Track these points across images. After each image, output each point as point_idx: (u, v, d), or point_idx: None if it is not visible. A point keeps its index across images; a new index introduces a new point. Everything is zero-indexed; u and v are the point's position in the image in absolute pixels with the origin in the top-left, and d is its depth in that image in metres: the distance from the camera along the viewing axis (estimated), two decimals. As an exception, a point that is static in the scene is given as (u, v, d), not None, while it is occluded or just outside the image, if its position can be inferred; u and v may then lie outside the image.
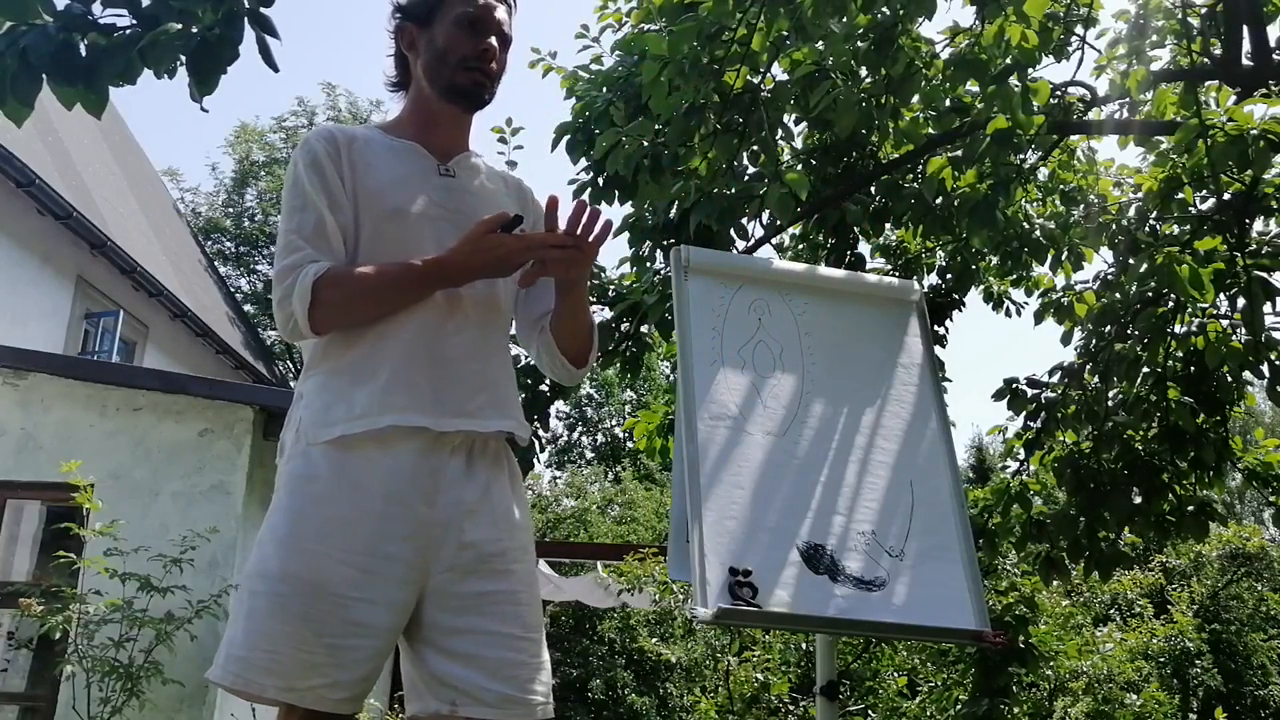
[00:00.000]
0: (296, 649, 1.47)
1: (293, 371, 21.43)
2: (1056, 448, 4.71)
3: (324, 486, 1.55)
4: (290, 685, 1.47)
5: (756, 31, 3.62)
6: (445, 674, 1.55)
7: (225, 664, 1.50)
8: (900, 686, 7.70)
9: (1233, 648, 12.05)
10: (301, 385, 1.66)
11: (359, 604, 1.50)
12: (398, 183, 1.68)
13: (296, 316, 1.57)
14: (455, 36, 1.70)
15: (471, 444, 1.63)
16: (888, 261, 5.41)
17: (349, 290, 1.58)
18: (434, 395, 1.59)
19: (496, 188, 1.82)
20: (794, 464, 2.80)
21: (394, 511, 1.54)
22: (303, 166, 1.66)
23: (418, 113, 1.78)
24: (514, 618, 1.58)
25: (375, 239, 1.64)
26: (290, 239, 1.62)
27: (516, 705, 1.55)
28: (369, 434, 1.55)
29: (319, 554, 1.51)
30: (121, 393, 6.37)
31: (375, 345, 1.60)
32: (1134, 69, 4.32)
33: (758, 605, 2.50)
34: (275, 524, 1.56)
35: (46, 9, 1.98)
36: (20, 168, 8.36)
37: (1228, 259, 3.59)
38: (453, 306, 1.64)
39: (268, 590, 1.50)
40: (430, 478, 1.57)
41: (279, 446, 1.69)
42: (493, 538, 1.60)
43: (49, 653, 5.61)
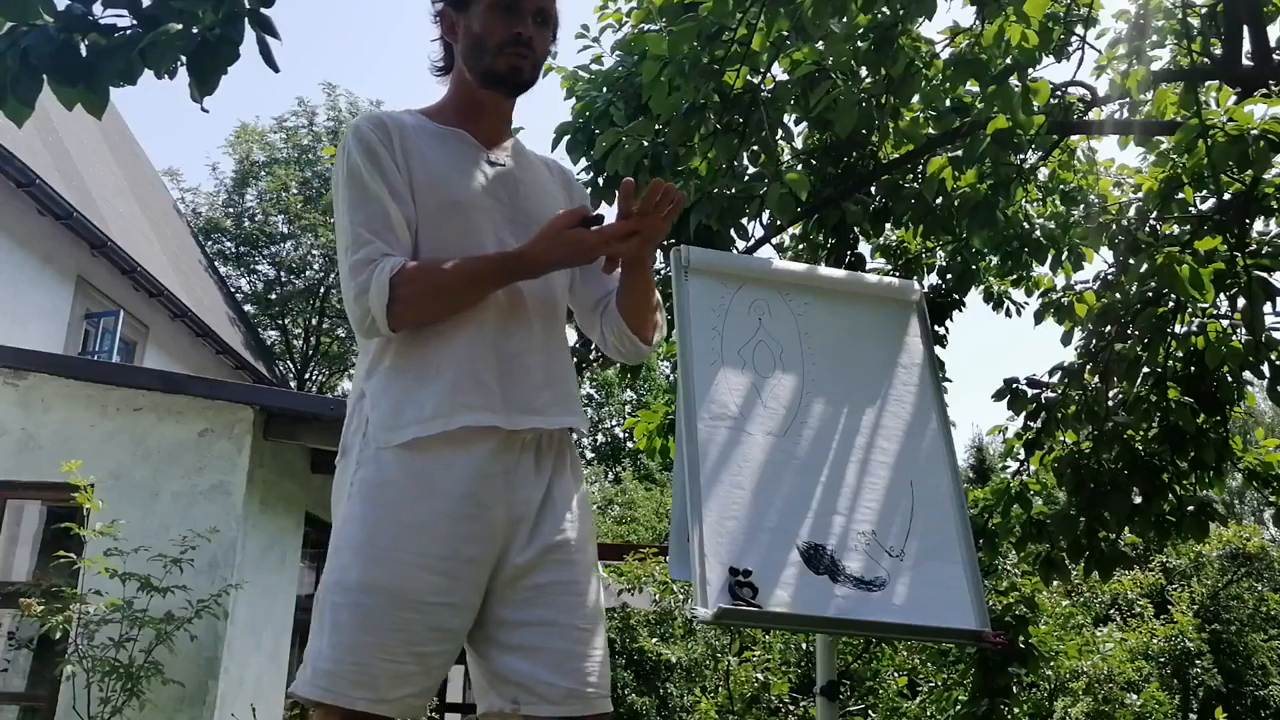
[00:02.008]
0: (386, 660, 1.45)
1: (293, 371, 21.45)
2: (1056, 448, 4.72)
3: (399, 492, 1.51)
4: (381, 697, 1.45)
5: (756, 31, 3.62)
6: (508, 670, 1.53)
7: (313, 678, 1.46)
8: (900, 686, 7.70)
9: (1233, 648, 12.05)
10: (363, 384, 1.62)
11: (441, 609, 1.49)
12: (452, 172, 1.66)
13: (374, 313, 1.52)
14: (491, 21, 1.67)
15: (539, 440, 1.61)
16: (888, 261, 5.41)
17: (428, 286, 1.54)
18: (503, 393, 1.56)
19: (542, 175, 1.80)
20: (794, 464, 2.80)
21: (470, 513, 1.52)
22: (359, 156, 1.61)
23: (461, 99, 1.75)
24: (576, 608, 1.57)
25: (434, 230, 1.61)
26: (358, 232, 1.57)
27: (578, 700, 1.54)
28: (442, 435, 1.52)
29: (400, 561, 1.48)
30: (121, 393, 6.37)
31: (439, 342, 1.57)
32: (1134, 69, 4.32)
33: (758, 605, 2.50)
34: (351, 533, 1.52)
35: (47, 9, 1.99)
36: (20, 168, 8.37)
37: (1228, 259, 3.59)
38: (513, 302, 1.61)
39: (350, 602, 1.47)
40: (504, 477, 1.55)
41: (341, 447, 1.63)
42: (555, 529, 1.59)
43: (49, 653, 5.60)
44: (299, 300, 21.86)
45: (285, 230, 22.14)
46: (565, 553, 1.59)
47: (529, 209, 1.69)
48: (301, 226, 21.72)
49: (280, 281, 22.04)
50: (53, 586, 5.37)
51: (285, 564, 6.92)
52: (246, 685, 6.29)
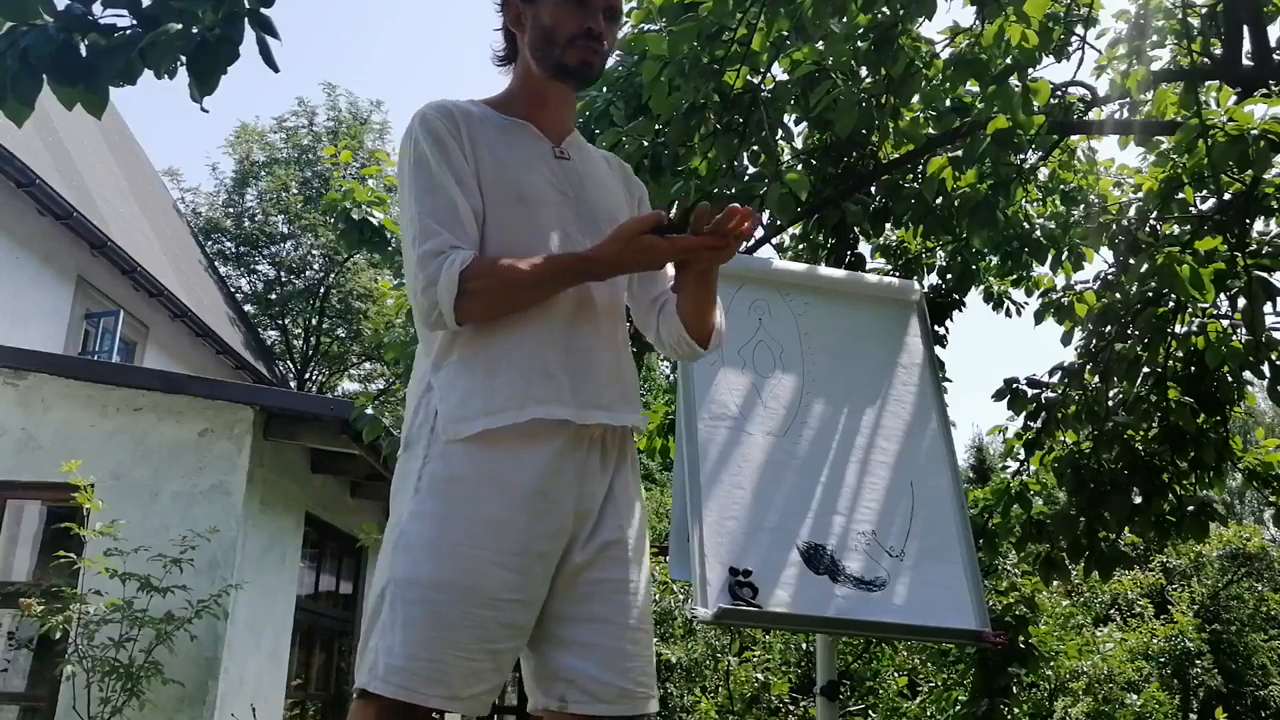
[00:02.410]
0: (460, 657, 1.44)
1: (293, 371, 21.44)
2: (1056, 448, 4.72)
3: (471, 487, 1.50)
4: (455, 694, 1.44)
5: (756, 31, 3.62)
6: (559, 666, 1.53)
7: (386, 675, 1.44)
8: (900, 686, 7.71)
9: (1233, 648, 12.05)
10: (430, 376, 1.60)
11: (514, 605, 1.48)
12: (520, 165, 1.64)
13: (442, 307, 1.51)
14: (562, 13, 1.66)
15: (604, 436, 1.61)
16: (888, 261, 5.41)
17: (497, 282, 1.53)
18: (572, 387, 1.56)
19: (602, 169, 1.80)
20: (794, 464, 2.80)
21: (542, 509, 1.51)
22: (427, 145, 1.59)
23: (526, 91, 1.73)
24: (628, 607, 1.56)
25: (501, 224, 1.60)
26: (426, 223, 1.55)
27: (628, 699, 1.53)
28: (513, 428, 1.51)
29: (472, 558, 1.47)
30: (122, 393, 6.37)
31: (508, 335, 1.55)
32: (1134, 69, 4.32)
33: (758, 605, 2.50)
34: (420, 529, 1.50)
35: (47, 9, 1.98)
36: (20, 168, 8.37)
37: (1228, 259, 3.59)
38: (582, 298, 1.61)
39: (422, 599, 1.45)
40: (573, 472, 1.55)
41: (404, 439, 1.61)
42: (615, 526, 1.59)
43: (49, 653, 5.60)
44: (299, 300, 21.84)
45: (285, 230, 22.12)
46: (622, 550, 1.59)
47: (593, 204, 1.69)
48: (301, 226, 21.71)
49: (280, 281, 22.03)
50: (53, 586, 5.37)
51: (285, 564, 6.92)
52: (246, 685, 6.29)
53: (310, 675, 7.86)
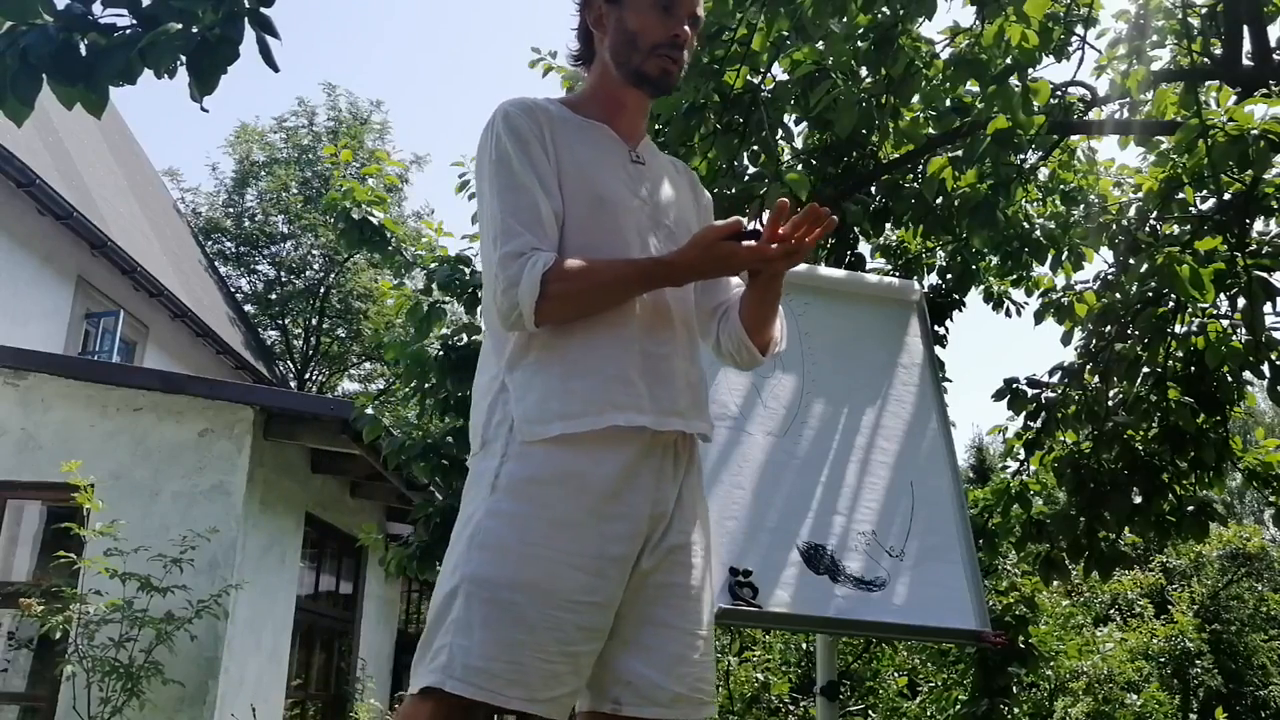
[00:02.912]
0: (539, 659, 1.43)
1: (293, 371, 21.43)
2: (1056, 448, 4.72)
3: (548, 489, 1.49)
4: (533, 696, 1.43)
5: (756, 31, 3.62)
6: (617, 667, 1.52)
7: (465, 674, 1.41)
8: (900, 686, 7.71)
9: (1233, 648, 12.05)
10: (504, 376, 1.58)
11: (590, 608, 1.47)
12: (599, 167, 1.64)
13: (523, 308, 1.50)
14: (648, 19, 1.65)
15: (676, 442, 1.61)
16: (888, 261, 5.41)
17: (578, 285, 1.52)
18: (650, 393, 1.55)
19: (671, 173, 1.80)
20: (794, 464, 2.80)
21: (618, 512, 1.50)
22: (510, 143, 1.58)
23: (603, 94, 1.73)
24: (691, 613, 1.56)
25: (580, 226, 1.59)
26: (508, 223, 1.54)
27: (685, 704, 1.53)
28: (591, 433, 1.50)
29: (551, 560, 1.45)
30: (122, 393, 6.37)
31: (586, 339, 1.55)
32: (1134, 69, 4.32)
33: (758, 605, 2.50)
34: (497, 527, 1.48)
35: (46, 9, 1.98)
36: (20, 168, 8.37)
37: (1228, 259, 3.59)
38: (657, 304, 1.61)
39: (502, 599, 1.44)
40: (649, 477, 1.55)
41: (479, 439, 1.59)
42: (682, 531, 1.59)
43: (49, 653, 5.61)
44: (299, 300, 21.83)
45: (285, 230, 22.11)
46: (687, 555, 1.59)
47: (667, 209, 1.70)
48: (301, 226, 21.70)
49: (280, 281, 22.02)
50: (53, 586, 5.37)
51: (285, 564, 6.92)
52: (246, 685, 6.29)
53: (310, 675, 7.87)
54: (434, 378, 4.38)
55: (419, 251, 4.90)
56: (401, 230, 4.86)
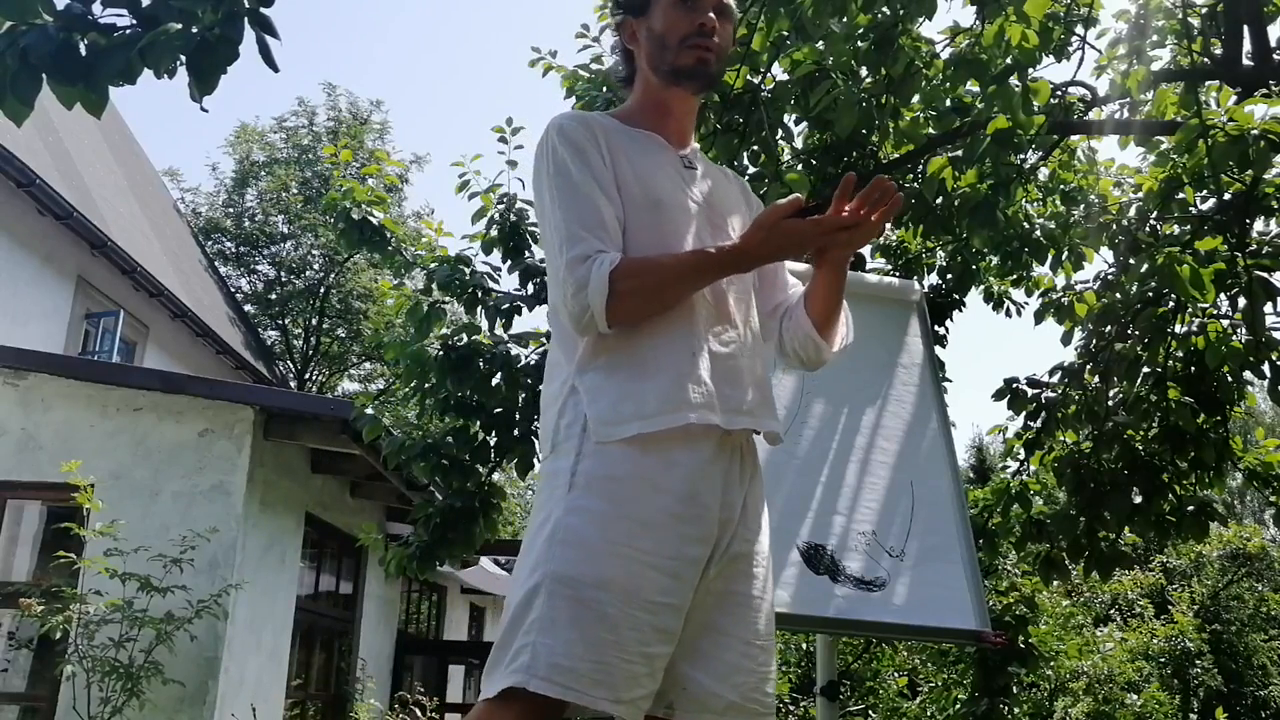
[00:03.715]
0: (623, 659, 1.42)
1: (293, 371, 21.43)
2: (1056, 448, 4.71)
3: (628, 487, 1.48)
4: (619, 697, 1.41)
5: (756, 31, 3.62)
6: (674, 672, 1.50)
7: (550, 673, 1.39)
8: (900, 686, 7.71)
9: (1233, 648, 12.06)
10: (575, 379, 1.58)
11: (667, 610, 1.46)
12: (654, 173, 1.66)
13: (594, 310, 1.50)
14: (671, 17, 1.68)
15: (742, 446, 1.61)
16: (888, 261, 5.41)
17: (646, 281, 1.53)
18: (719, 392, 1.55)
19: (724, 181, 1.81)
20: (794, 464, 2.80)
21: (694, 514, 1.50)
22: (567, 152, 1.60)
23: (649, 102, 1.75)
24: (751, 622, 1.56)
25: (639, 229, 1.60)
26: (572, 229, 1.55)
27: (738, 713, 1.52)
28: (666, 432, 1.50)
29: (632, 559, 1.45)
30: (122, 393, 6.37)
31: (653, 339, 1.55)
32: (1134, 69, 4.32)
33: (758, 605, 2.49)
34: (580, 524, 1.47)
35: (46, 9, 1.98)
36: (20, 168, 8.37)
37: (1228, 259, 3.59)
38: (719, 302, 1.61)
39: (586, 598, 1.42)
40: (721, 477, 1.55)
41: (550, 442, 1.59)
42: (746, 538, 1.58)
43: (49, 653, 5.61)
44: (299, 300, 21.83)
45: (285, 230, 22.11)
46: (748, 564, 1.58)
47: (722, 211, 1.70)
48: (301, 226, 21.70)
49: (280, 281, 22.02)
50: (53, 586, 5.37)
51: (285, 564, 6.92)
52: (246, 685, 6.29)
53: (310, 675, 7.86)
54: (434, 378, 4.37)
55: (419, 251, 4.89)
56: (401, 230, 4.86)
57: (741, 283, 1.66)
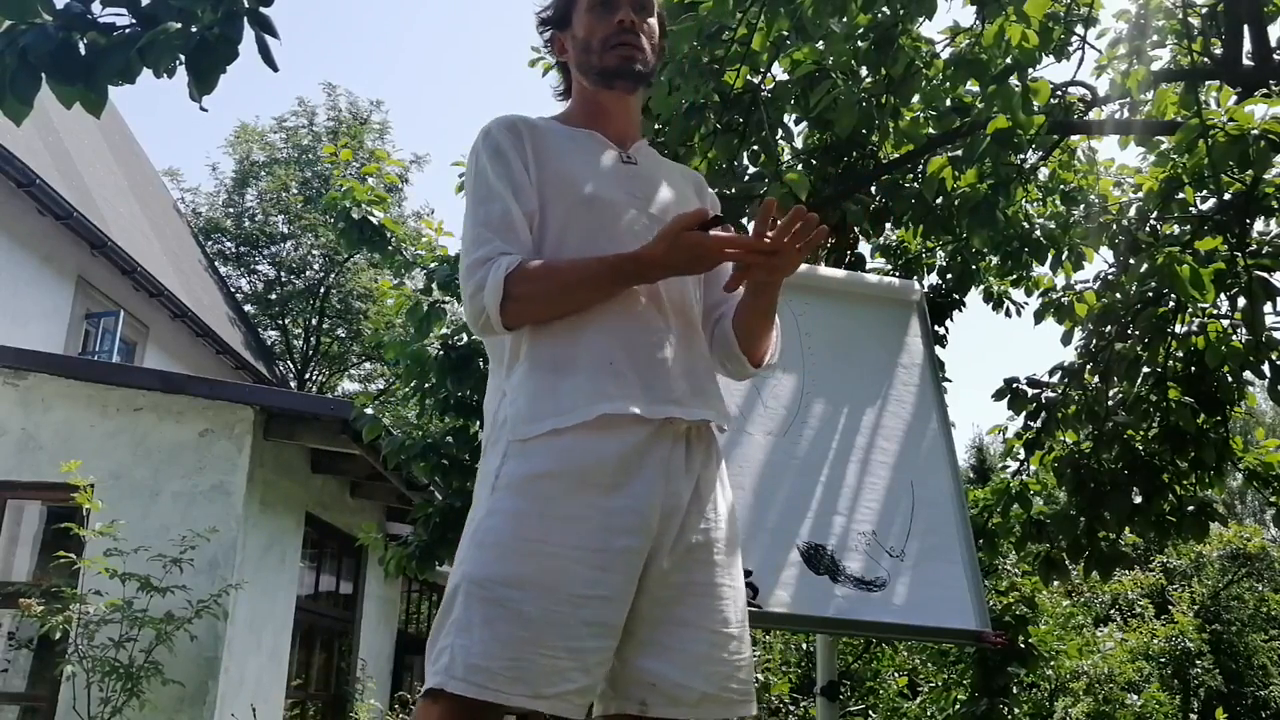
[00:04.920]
0: (542, 655, 1.42)
1: (293, 371, 21.44)
2: (1056, 448, 4.71)
3: (547, 484, 1.49)
4: (538, 693, 1.42)
5: (756, 31, 3.62)
6: (640, 668, 1.51)
7: (467, 674, 1.41)
8: (900, 687, 7.71)
9: (1233, 648, 12.05)
10: (504, 382, 1.61)
11: (595, 602, 1.46)
12: (587, 170, 1.66)
13: (488, 311, 1.52)
14: (591, 22, 1.71)
15: (688, 434, 1.59)
16: (888, 261, 5.41)
17: (542, 285, 1.54)
18: (641, 383, 1.55)
19: (674, 176, 1.80)
20: (794, 464, 2.80)
21: (621, 504, 1.49)
22: (486, 157, 1.63)
23: (586, 107, 1.77)
24: (715, 611, 1.55)
25: (567, 227, 1.61)
26: (478, 231, 1.58)
27: (714, 704, 1.52)
28: (584, 425, 1.50)
29: (550, 554, 1.45)
30: (122, 393, 6.37)
31: (577, 336, 1.56)
32: (1134, 69, 4.32)
33: (758, 605, 2.50)
34: (496, 526, 1.49)
35: (46, 8, 1.98)
36: (20, 168, 8.37)
37: (1228, 259, 3.59)
38: (650, 295, 1.61)
39: (500, 597, 1.44)
40: (656, 469, 1.53)
41: (485, 442, 1.61)
42: (701, 527, 1.57)
43: (49, 653, 5.61)
44: (299, 300, 21.83)
45: (285, 230, 22.11)
46: (709, 553, 1.57)
47: (664, 208, 1.69)
48: (301, 226, 21.70)
49: (280, 281, 22.02)
50: (53, 586, 5.37)
51: (285, 564, 6.92)
52: (246, 685, 6.29)
53: (310, 675, 7.87)
54: (434, 378, 4.37)
55: (419, 251, 4.90)
56: (401, 230, 4.86)
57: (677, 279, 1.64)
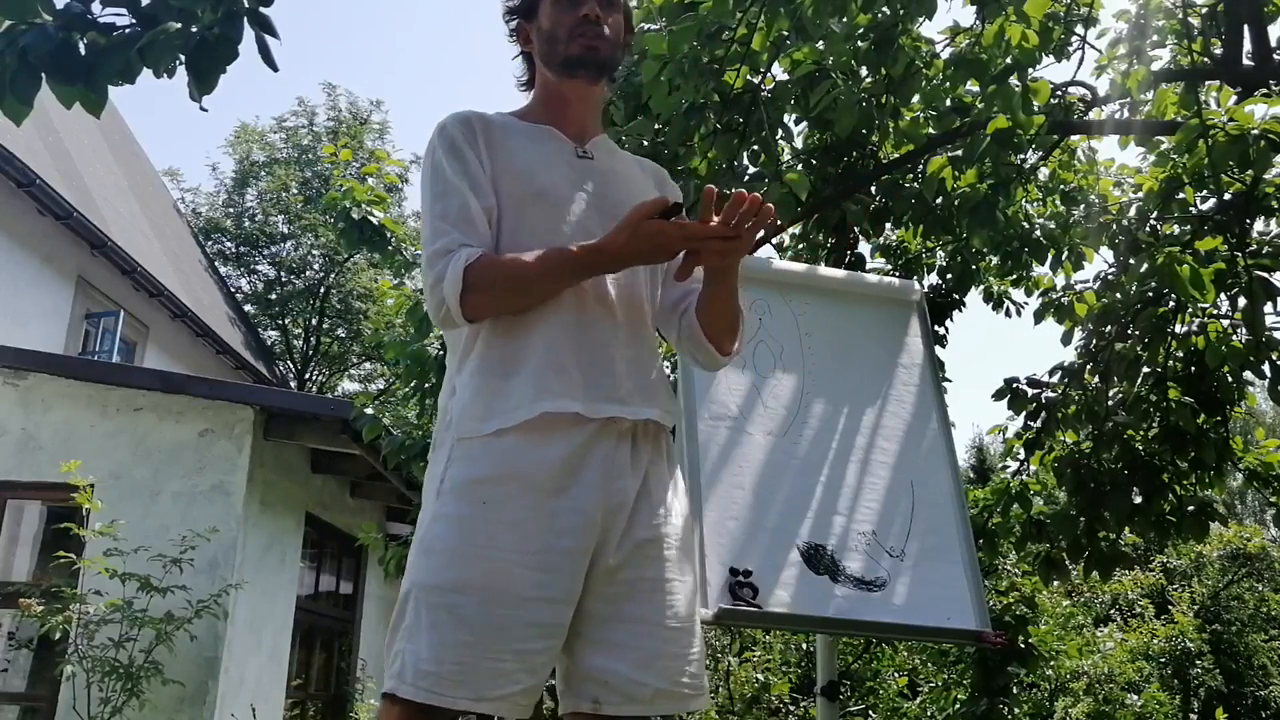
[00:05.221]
0: (486, 658, 1.44)
1: (293, 371, 21.44)
2: (1056, 448, 4.71)
3: (490, 488, 1.50)
4: (481, 695, 1.43)
5: (756, 31, 3.62)
6: (592, 667, 1.52)
7: (415, 680, 1.44)
8: (900, 687, 7.71)
9: (1233, 648, 12.05)
10: (455, 379, 1.62)
11: (539, 604, 1.47)
12: (540, 164, 1.67)
13: (448, 303, 1.53)
14: (556, 14, 1.72)
15: (634, 432, 1.60)
16: (888, 261, 5.41)
17: (502, 276, 1.54)
18: (584, 381, 1.55)
19: (632, 169, 1.81)
20: (794, 464, 2.80)
21: (564, 505, 1.50)
22: (442, 152, 1.65)
23: (547, 98, 1.78)
24: (665, 606, 1.55)
25: (519, 222, 1.62)
26: (437, 225, 1.59)
27: (667, 699, 1.52)
28: (528, 424, 1.51)
29: (493, 558, 1.46)
30: (122, 393, 6.37)
31: (524, 333, 1.57)
32: (1134, 69, 4.32)
33: (758, 605, 2.50)
34: (441, 532, 1.50)
35: (46, 8, 1.98)
36: (20, 168, 8.37)
37: (1228, 259, 3.59)
38: (598, 293, 1.61)
39: (446, 602, 1.46)
40: (598, 468, 1.54)
41: (433, 442, 1.63)
42: (650, 523, 1.58)
43: (49, 653, 5.61)
44: (299, 300, 21.83)
45: (285, 230, 22.11)
46: (658, 548, 1.57)
47: (618, 202, 1.69)
48: (301, 226, 21.70)
49: (280, 281, 22.02)
50: (53, 586, 5.37)
51: (285, 564, 6.92)
52: (246, 685, 6.29)
53: (310, 675, 7.86)
54: (434, 377, 4.37)
55: (419, 251, 4.89)
56: (401, 230, 4.86)
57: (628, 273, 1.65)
